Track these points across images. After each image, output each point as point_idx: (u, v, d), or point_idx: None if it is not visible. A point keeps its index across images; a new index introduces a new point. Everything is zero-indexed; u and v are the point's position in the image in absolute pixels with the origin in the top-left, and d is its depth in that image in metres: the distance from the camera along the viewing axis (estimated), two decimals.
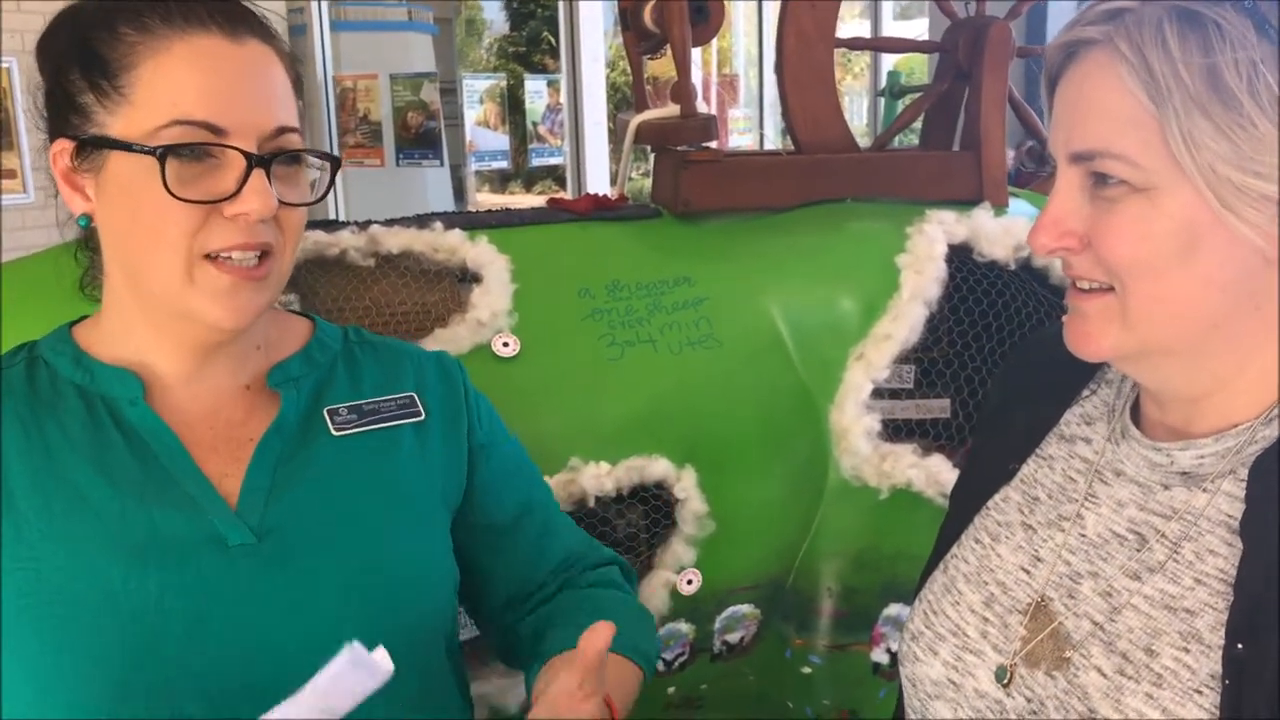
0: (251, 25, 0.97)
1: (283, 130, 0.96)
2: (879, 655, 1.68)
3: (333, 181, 1.04)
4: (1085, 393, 0.97)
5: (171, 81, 0.92)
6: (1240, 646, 0.74)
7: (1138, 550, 0.84)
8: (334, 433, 1.04)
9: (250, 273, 0.94)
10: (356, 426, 1.05)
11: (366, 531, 1.01)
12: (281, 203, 0.95)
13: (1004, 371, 1.14)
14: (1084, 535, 0.89)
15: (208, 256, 0.93)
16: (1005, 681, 0.88)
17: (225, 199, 0.92)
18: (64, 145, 0.96)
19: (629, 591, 1.22)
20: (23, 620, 0.90)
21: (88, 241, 1.04)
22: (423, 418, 1.09)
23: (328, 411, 1.05)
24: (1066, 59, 0.82)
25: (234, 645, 0.93)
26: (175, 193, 0.90)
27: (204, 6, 0.95)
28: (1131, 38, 0.76)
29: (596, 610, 1.10)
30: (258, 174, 0.92)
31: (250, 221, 0.93)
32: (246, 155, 0.92)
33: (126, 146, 0.92)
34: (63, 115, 0.96)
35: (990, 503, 0.99)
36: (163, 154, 0.90)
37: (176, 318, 0.97)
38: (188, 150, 0.91)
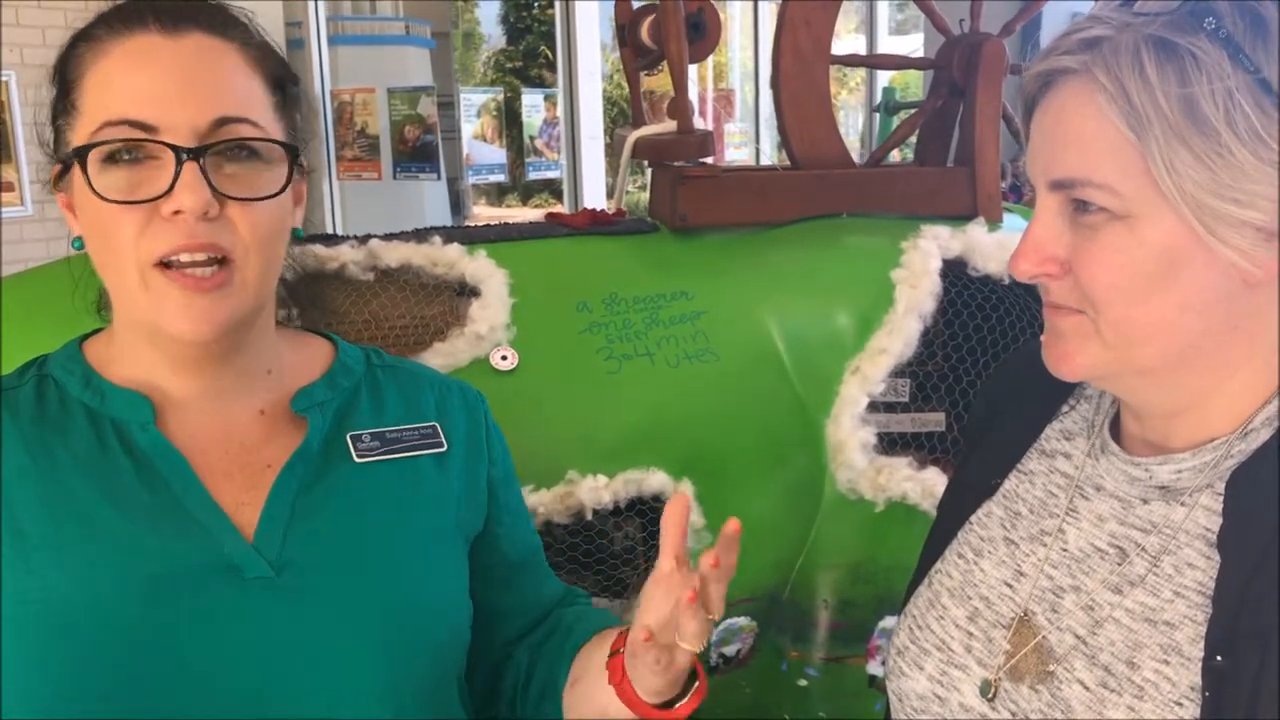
0: (199, 19, 0.93)
1: (225, 121, 0.90)
2: (874, 668, 1.68)
3: (291, 172, 0.95)
4: (1065, 408, 0.98)
5: (106, 84, 0.90)
6: (1219, 658, 0.75)
7: (1118, 564, 0.85)
8: (356, 459, 1.01)
9: (201, 282, 0.89)
10: (379, 454, 1.02)
11: (386, 565, 0.98)
12: (227, 197, 0.89)
13: (987, 387, 1.15)
14: (1066, 550, 0.90)
15: (162, 265, 0.89)
16: (990, 696, 0.89)
17: (160, 197, 0.88)
18: (54, 170, 0.96)
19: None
20: (29, 652, 0.87)
21: None
22: (445, 449, 1.06)
23: (351, 437, 1.02)
24: (1043, 87, 0.82)
25: (249, 680, 0.90)
26: (104, 195, 0.88)
27: (149, 6, 0.92)
28: (1109, 67, 0.76)
29: (590, 617, 1.13)
30: (189, 168, 0.87)
31: (188, 220, 0.88)
32: (174, 149, 0.87)
33: (68, 157, 0.91)
34: (54, 143, 0.96)
35: (973, 517, 1.00)
36: (81, 154, 0.88)
37: (151, 332, 0.94)
38: (122, 151, 0.88)
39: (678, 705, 0.95)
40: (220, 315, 0.91)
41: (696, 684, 0.96)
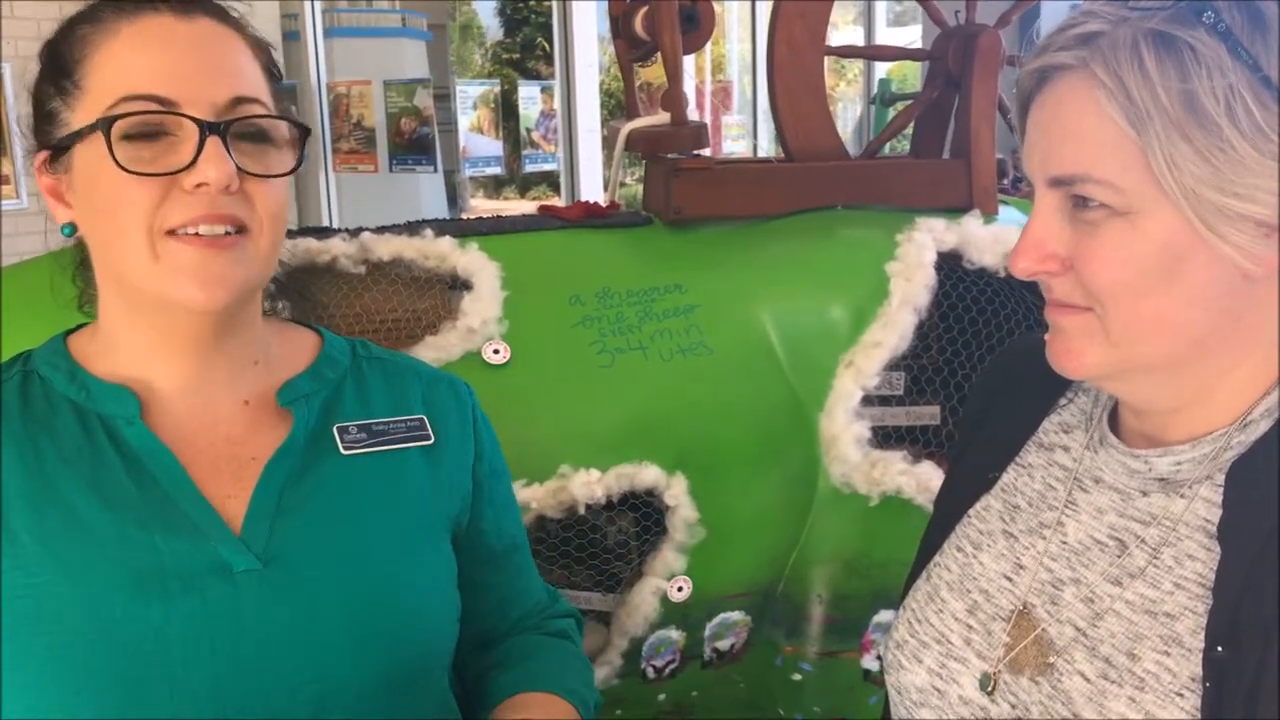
0: (206, 7, 0.95)
1: (241, 100, 0.92)
2: (869, 662, 1.68)
3: (303, 150, 0.98)
4: (1063, 400, 0.98)
5: (120, 62, 0.91)
6: (1219, 649, 0.75)
7: (1118, 556, 0.85)
8: (343, 451, 1.01)
9: (217, 242, 0.90)
10: (366, 446, 1.02)
11: (374, 558, 0.98)
12: (246, 172, 0.91)
13: (982, 380, 1.14)
14: (1065, 542, 0.90)
15: (172, 234, 0.90)
16: (989, 689, 0.88)
17: (183, 170, 0.89)
18: (41, 156, 0.96)
19: (577, 643, 1.21)
20: (18, 650, 0.87)
21: (82, 258, 1.01)
22: (431, 441, 1.06)
23: (337, 429, 1.02)
24: (1039, 83, 0.81)
25: (238, 675, 0.90)
26: (127, 167, 0.88)
27: None
28: (1107, 62, 0.75)
29: (539, 656, 1.12)
30: (213, 141, 0.89)
31: (211, 193, 0.89)
32: (199, 122, 0.89)
33: (79, 134, 0.91)
34: (39, 128, 0.96)
35: (971, 511, 1.00)
36: (107, 124, 0.88)
37: (158, 309, 0.94)
38: (140, 127, 0.89)
39: None
40: (234, 279, 0.92)
41: None
